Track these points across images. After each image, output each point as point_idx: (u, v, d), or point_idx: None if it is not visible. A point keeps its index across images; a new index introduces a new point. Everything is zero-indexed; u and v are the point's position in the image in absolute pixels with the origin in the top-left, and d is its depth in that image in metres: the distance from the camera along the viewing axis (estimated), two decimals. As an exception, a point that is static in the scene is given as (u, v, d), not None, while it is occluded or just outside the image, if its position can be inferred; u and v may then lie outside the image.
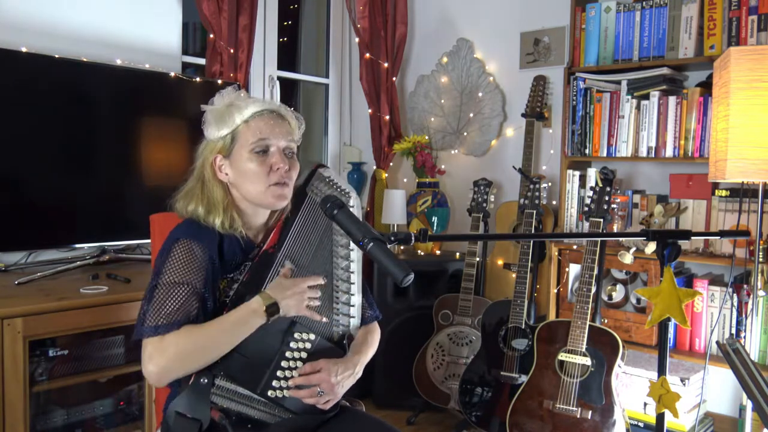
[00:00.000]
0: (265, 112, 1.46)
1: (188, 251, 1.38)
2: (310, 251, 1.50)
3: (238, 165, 1.45)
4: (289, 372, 1.41)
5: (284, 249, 1.47)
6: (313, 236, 1.51)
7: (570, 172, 2.89)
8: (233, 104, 1.45)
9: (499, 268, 3.15)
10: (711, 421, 2.65)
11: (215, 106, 1.47)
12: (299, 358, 1.42)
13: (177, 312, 1.32)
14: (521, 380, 2.57)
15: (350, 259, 1.52)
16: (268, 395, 1.39)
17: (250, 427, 1.40)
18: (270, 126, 1.45)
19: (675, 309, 1.39)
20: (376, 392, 3.10)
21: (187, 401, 1.35)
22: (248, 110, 1.45)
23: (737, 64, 2.06)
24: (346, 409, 1.55)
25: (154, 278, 1.37)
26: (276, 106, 1.49)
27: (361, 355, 1.52)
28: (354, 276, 1.52)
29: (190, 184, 1.50)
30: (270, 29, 3.44)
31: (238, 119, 1.44)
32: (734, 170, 2.08)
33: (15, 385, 1.93)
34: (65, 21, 2.58)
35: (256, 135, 1.43)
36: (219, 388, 1.37)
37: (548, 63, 3.19)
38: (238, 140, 1.45)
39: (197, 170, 1.51)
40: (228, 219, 1.44)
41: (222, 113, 1.45)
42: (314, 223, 1.51)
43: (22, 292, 2.12)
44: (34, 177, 2.36)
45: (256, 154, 1.44)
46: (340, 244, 1.52)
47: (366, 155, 3.82)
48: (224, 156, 1.46)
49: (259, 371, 1.39)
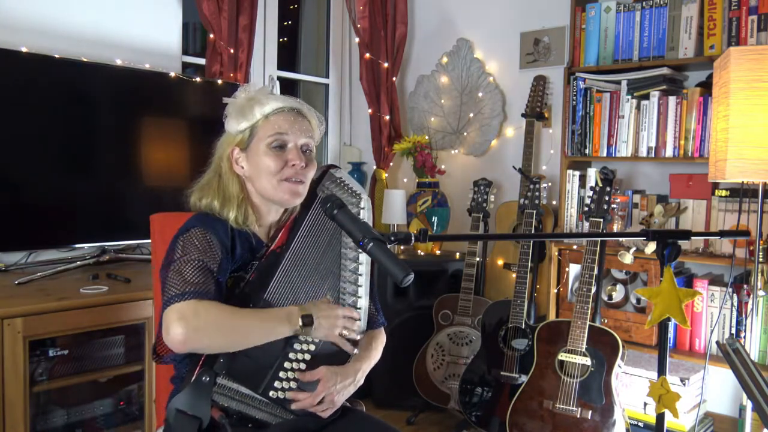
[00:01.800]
0: (286, 108, 1.46)
1: (202, 236, 1.37)
2: (319, 252, 1.49)
3: (255, 158, 1.44)
4: (292, 373, 1.40)
5: (292, 249, 1.46)
6: (322, 237, 1.50)
7: (570, 172, 2.89)
8: (254, 98, 1.44)
9: (499, 268, 3.15)
10: (711, 421, 2.65)
11: (236, 99, 1.46)
12: (303, 359, 1.42)
13: (197, 284, 1.28)
14: (521, 380, 2.57)
15: (359, 261, 1.51)
16: (270, 396, 1.39)
17: (251, 427, 1.40)
18: (290, 122, 1.44)
19: (675, 309, 1.39)
20: (376, 392, 3.09)
21: (188, 398, 1.34)
22: (269, 105, 1.44)
23: (737, 64, 2.06)
24: (346, 410, 1.55)
25: (167, 261, 1.35)
26: (298, 104, 1.48)
27: (363, 363, 1.51)
28: (362, 279, 1.51)
29: (206, 177, 1.50)
30: (270, 29, 3.44)
31: (258, 114, 1.43)
32: (734, 170, 2.08)
33: (15, 385, 1.93)
34: (65, 21, 2.58)
35: (275, 129, 1.43)
36: (221, 386, 1.37)
37: (548, 63, 3.19)
38: (257, 134, 1.44)
39: (215, 163, 1.50)
40: (242, 214, 1.44)
41: (243, 106, 1.44)
42: (324, 223, 1.50)
43: (22, 292, 2.12)
44: (34, 177, 2.36)
45: (273, 148, 1.43)
46: (349, 246, 1.51)
47: (366, 155, 3.82)
48: (241, 149, 1.46)
49: (261, 371, 1.38)
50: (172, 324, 1.23)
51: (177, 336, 1.23)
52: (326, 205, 1.30)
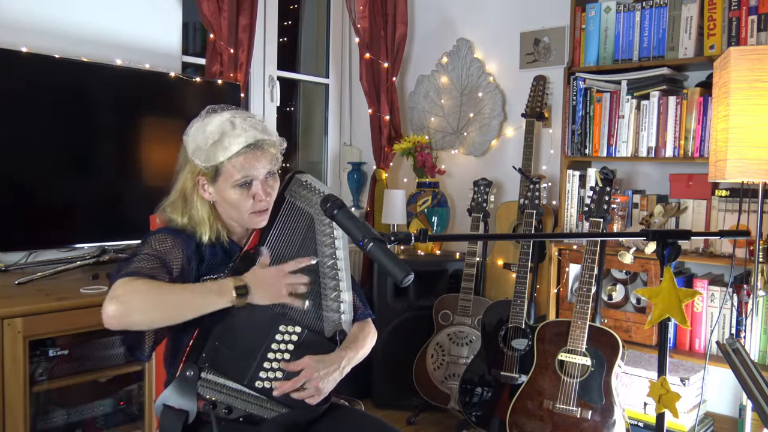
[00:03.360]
0: (248, 148, 1.45)
1: (163, 241, 1.43)
2: (293, 250, 1.54)
3: (222, 193, 1.48)
4: (276, 363, 1.43)
5: (266, 248, 1.51)
6: (294, 236, 1.55)
7: (570, 172, 2.89)
8: (217, 142, 1.44)
9: (499, 268, 3.15)
10: (711, 421, 2.65)
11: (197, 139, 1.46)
12: (286, 350, 1.45)
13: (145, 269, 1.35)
14: (521, 380, 2.57)
15: (336, 257, 1.55)
16: (256, 386, 1.42)
17: (242, 421, 1.41)
18: (252, 163, 1.46)
19: (675, 309, 1.39)
20: (376, 392, 3.09)
21: (174, 393, 1.38)
22: (232, 148, 1.44)
23: (737, 64, 2.06)
24: (345, 409, 1.55)
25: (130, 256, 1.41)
26: (260, 137, 1.47)
27: (349, 351, 1.52)
28: (342, 273, 1.55)
29: (173, 197, 1.53)
30: (270, 29, 3.44)
31: (222, 157, 1.44)
32: (734, 170, 2.08)
33: (15, 385, 1.93)
34: (65, 21, 2.58)
35: (241, 173, 1.45)
36: (206, 380, 1.40)
37: (548, 63, 3.19)
38: (222, 174, 1.46)
39: (180, 184, 1.52)
40: (214, 233, 1.50)
41: (206, 150, 1.45)
42: (294, 224, 1.56)
43: (22, 292, 2.12)
44: (34, 177, 2.36)
45: (239, 186, 1.46)
46: (325, 244, 1.55)
47: (366, 155, 3.82)
48: (207, 180, 1.49)
49: (245, 364, 1.41)
50: (106, 303, 1.29)
51: (108, 312, 1.28)
52: (326, 205, 1.30)
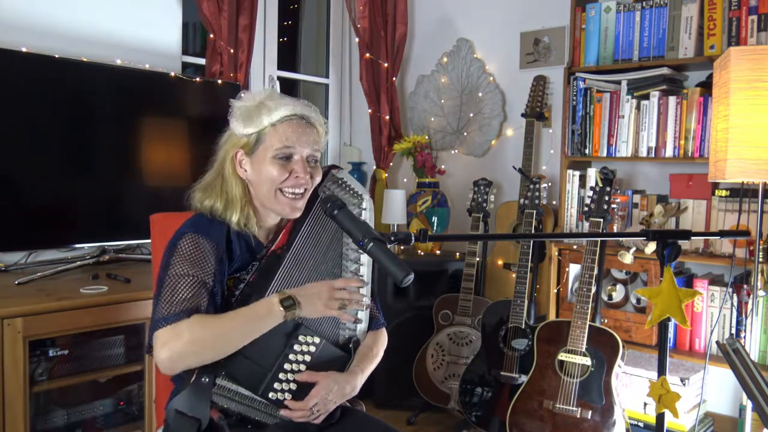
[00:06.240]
0: (294, 117, 1.42)
1: (195, 245, 1.38)
2: (319, 253, 1.49)
3: (259, 166, 1.42)
4: (291, 375, 1.40)
5: (293, 250, 1.45)
6: (323, 238, 1.50)
7: (570, 172, 2.89)
8: (263, 104, 1.41)
9: (499, 268, 3.15)
10: (711, 421, 2.65)
11: (244, 103, 1.43)
12: (303, 361, 1.41)
13: (186, 301, 1.31)
14: (521, 380, 2.57)
15: (360, 262, 1.51)
16: (269, 397, 1.38)
17: (250, 428, 1.40)
18: (297, 134, 1.41)
19: (675, 309, 1.39)
20: (376, 392, 3.09)
21: (188, 400, 1.34)
22: (277, 113, 1.41)
23: (737, 64, 2.06)
24: (346, 410, 1.54)
25: (162, 273, 1.36)
26: (307, 111, 1.45)
27: (365, 370, 1.51)
28: (364, 279, 1.51)
29: (209, 178, 1.48)
30: (270, 29, 3.44)
31: (266, 121, 1.40)
32: (734, 170, 2.08)
33: (15, 385, 1.93)
34: (65, 21, 2.58)
35: (282, 141, 1.40)
36: (220, 387, 1.36)
37: (548, 63, 3.19)
38: (263, 142, 1.42)
39: (218, 163, 1.48)
40: (244, 217, 1.44)
41: (250, 111, 1.41)
42: (325, 225, 1.50)
43: (22, 292, 2.12)
44: (34, 177, 2.36)
45: (278, 159, 1.41)
46: (350, 248, 1.50)
47: (366, 155, 3.82)
48: (246, 153, 1.44)
49: (261, 373, 1.38)
50: (158, 350, 1.28)
51: (164, 362, 1.28)
52: (326, 205, 1.30)
